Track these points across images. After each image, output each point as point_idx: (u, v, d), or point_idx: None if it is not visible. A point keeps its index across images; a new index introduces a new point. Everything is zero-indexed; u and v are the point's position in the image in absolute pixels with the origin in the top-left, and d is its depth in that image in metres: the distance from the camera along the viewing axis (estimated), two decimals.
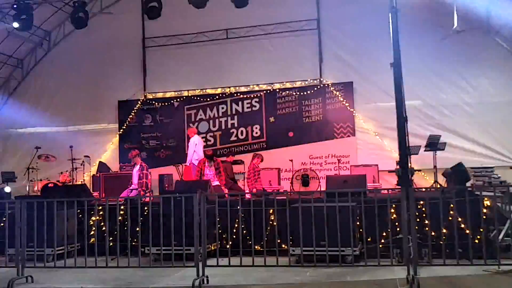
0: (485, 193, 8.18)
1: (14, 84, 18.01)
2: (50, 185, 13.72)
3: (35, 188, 14.60)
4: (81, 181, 15.10)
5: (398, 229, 7.82)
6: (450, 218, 7.56)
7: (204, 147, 13.85)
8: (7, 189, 14.06)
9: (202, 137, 15.12)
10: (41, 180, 14.70)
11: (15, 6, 12.64)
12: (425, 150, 12.56)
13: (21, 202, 7.71)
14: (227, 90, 16.09)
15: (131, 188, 11.76)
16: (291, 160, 14.35)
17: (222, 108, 16.09)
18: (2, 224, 8.45)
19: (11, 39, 16.10)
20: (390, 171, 13.34)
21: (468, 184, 9.82)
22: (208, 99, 16.17)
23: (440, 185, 11.93)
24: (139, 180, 11.71)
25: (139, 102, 16.65)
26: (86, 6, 13.05)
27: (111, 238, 7.98)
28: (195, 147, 13.28)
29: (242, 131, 15.91)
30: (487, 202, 7.94)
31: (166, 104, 16.48)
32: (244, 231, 8.19)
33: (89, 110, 17.02)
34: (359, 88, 15.11)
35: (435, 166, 12.45)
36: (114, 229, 8.50)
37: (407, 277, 6.56)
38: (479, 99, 14.20)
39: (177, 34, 16.36)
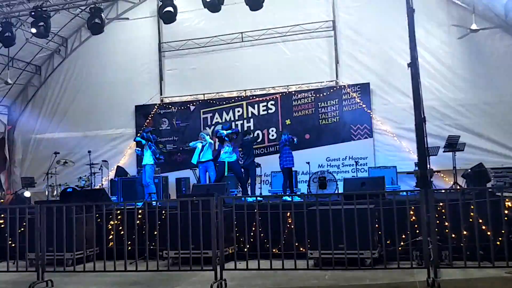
0: (506, 194, 8.03)
1: (33, 90, 18.25)
2: (68, 190, 13.86)
3: (54, 193, 14.76)
4: (100, 186, 15.23)
5: (417, 231, 7.73)
6: (471, 220, 7.44)
7: None
8: (27, 193, 14.26)
9: None
10: (60, 185, 14.86)
11: (32, 13, 12.78)
12: (444, 151, 12.42)
13: (40, 207, 7.80)
14: (243, 93, 16.08)
15: None
16: (308, 163, 14.24)
17: (238, 111, 16.09)
18: (22, 229, 8.53)
19: (29, 46, 16.30)
20: (408, 173, 13.20)
21: (488, 185, 9.68)
22: (224, 103, 16.18)
23: (460, 186, 11.77)
24: None
25: (155, 106, 16.73)
26: (102, 12, 13.14)
27: (129, 242, 8.01)
28: None
29: (258, 134, 15.89)
30: (508, 203, 7.81)
31: (183, 108, 16.55)
32: (262, 234, 8.17)
33: (107, 115, 17.15)
34: (376, 89, 14.97)
35: (454, 167, 12.29)
36: (132, 233, 8.53)
37: (427, 279, 6.48)
38: (499, 98, 13.95)
39: (193, 38, 16.42)
